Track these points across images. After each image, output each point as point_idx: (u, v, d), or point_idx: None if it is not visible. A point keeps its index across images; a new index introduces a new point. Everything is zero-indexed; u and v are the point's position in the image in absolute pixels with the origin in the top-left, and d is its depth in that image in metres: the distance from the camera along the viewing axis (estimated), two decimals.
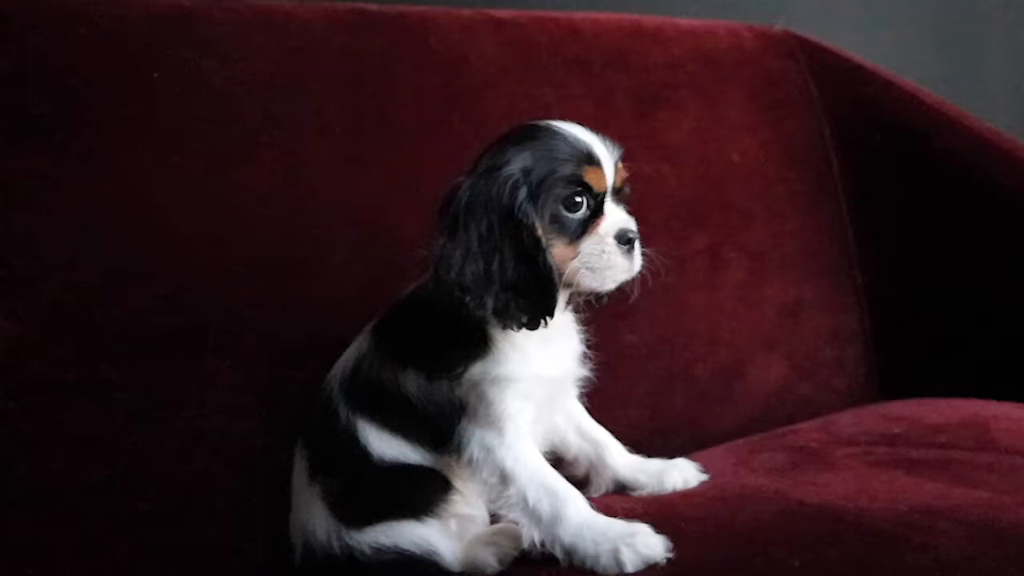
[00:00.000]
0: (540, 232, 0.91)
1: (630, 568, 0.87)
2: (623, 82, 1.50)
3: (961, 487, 0.94)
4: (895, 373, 1.53)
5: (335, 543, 0.97)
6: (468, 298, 0.90)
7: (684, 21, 1.64)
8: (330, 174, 1.23)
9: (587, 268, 0.94)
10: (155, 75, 1.15)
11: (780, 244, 1.53)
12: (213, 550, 1.06)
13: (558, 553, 0.91)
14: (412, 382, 0.97)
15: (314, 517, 0.99)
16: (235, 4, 1.24)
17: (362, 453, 0.97)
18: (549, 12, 1.52)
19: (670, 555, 0.88)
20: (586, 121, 1.44)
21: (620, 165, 0.98)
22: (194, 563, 1.05)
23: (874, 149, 1.59)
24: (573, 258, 0.94)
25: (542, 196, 0.91)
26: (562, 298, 0.98)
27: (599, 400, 1.33)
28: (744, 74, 1.62)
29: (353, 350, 1.03)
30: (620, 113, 1.49)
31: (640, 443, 1.20)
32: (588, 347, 1.06)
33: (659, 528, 0.91)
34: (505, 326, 0.91)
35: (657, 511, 0.98)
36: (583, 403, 1.14)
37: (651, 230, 1.42)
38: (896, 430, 1.18)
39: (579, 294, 0.98)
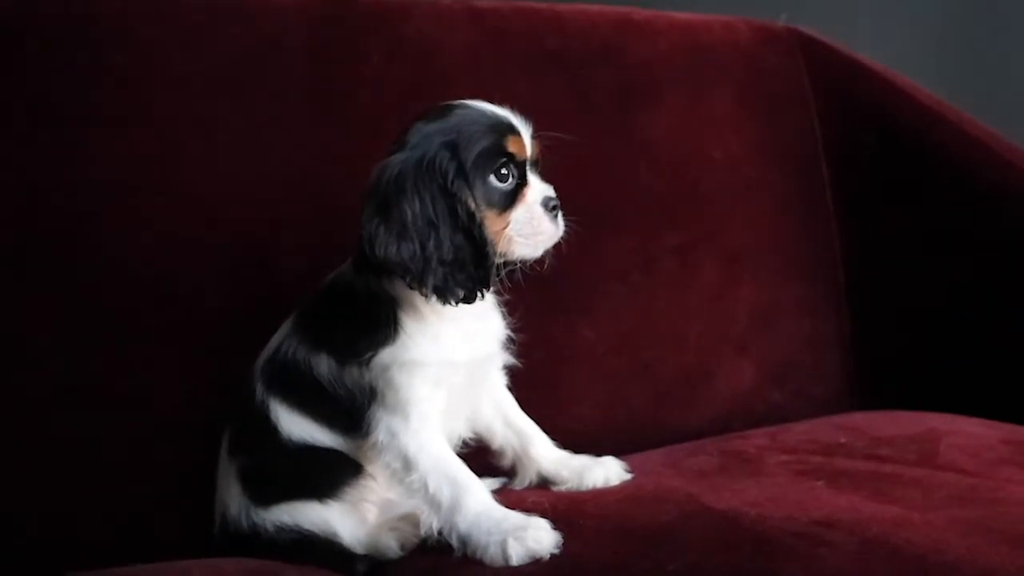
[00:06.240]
0: (473, 205, 0.91)
1: (515, 561, 0.86)
2: (604, 76, 1.47)
3: (874, 502, 0.89)
4: (875, 382, 1.47)
5: (244, 519, 0.99)
6: (408, 277, 0.91)
7: (679, 15, 1.59)
8: (288, 160, 1.24)
9: (519, 236, 0.94)
10: (117, 56, 1.18)
11: (757, 246, 1.48)
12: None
13: (454, 541, 0.91)
14: (324, 365, 0.97)
15: (230, 492, 1.01)
16: None
17: (272, 432, 0.98)
18: (533, 3, 1.50)
19: (556, 551, 0.86)
20: (564, 114, 1.45)
21: (535, 138, 0.99)
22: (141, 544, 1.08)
23: (867, 148, 1.52)
24: (504, 228, 0.94)
25: (471, 170, 0.92)
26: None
27: (550, 395, 1.32)
28: (736, 69, 1.57)
29: (278, 333, 1.04)
30: (599, 107, 1.46)
31: (592, 441, 1.18)
32: (516, 333, 1.05)
33: (559, 524, 0.89)
34: (444, 302, 0.91)
35: (565, 507, 0.96)
36: (532, 396, 1.12)
37: (620, 225, 1.42)
38: (842, 440, 1.13)
39: (509, 264, 0.98)
